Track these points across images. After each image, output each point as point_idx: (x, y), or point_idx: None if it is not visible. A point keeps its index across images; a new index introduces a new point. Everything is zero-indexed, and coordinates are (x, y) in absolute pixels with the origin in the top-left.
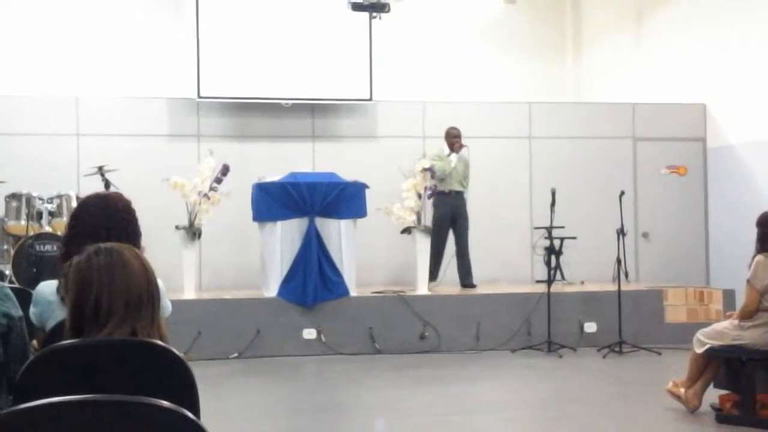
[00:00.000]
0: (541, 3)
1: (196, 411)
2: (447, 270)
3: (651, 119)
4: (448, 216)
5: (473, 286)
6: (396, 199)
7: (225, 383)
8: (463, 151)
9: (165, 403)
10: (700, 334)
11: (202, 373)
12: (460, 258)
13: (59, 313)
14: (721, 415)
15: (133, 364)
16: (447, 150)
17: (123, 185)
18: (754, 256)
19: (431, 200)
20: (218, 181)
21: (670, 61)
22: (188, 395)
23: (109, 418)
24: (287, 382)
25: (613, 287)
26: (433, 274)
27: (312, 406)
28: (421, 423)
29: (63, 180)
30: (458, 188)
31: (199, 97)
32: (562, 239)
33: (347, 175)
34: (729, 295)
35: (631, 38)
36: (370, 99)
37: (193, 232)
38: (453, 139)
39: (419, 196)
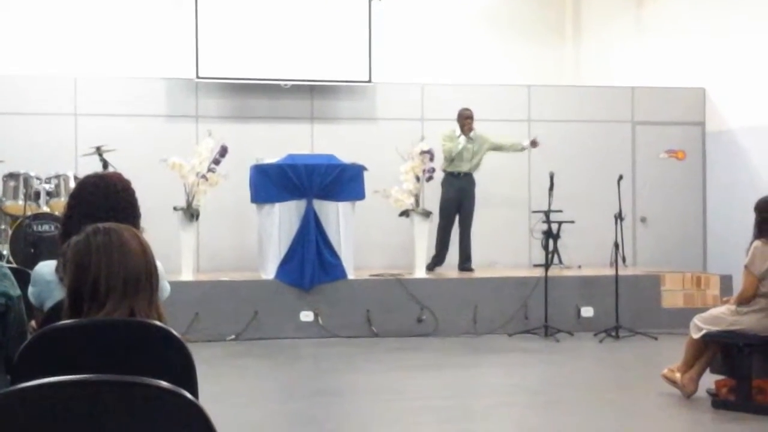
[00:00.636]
0: None
1: (194, 392)
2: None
3: (650, 103)
4: (456, 198)
5: (471, 270)
6: (394, 181)
7: (222, 365)
8: (473, 133)
9: (164, 384)
10: (697, 320)
11: (199, 355)
12: (461, 241)
13: (58, 293)
14: (716, 401)
15: (131, 345)
16: (458, 131)
17: (121, 165)
18: (751, 242)
19: (441, 181)
20: (216, 162)
21: (670, 45)
22: (187, 376)
23: (108, 398)
24: (284, 364)
25: (611, 272)
26: (440, 257)
27: (308, 389)
28: (418, 406)
29: (61, 160)
30: (467, 170)
31: (198, 77)
32: (559, 223)
33: (346, 157)
34: (726, 281)
35: (631, 21)
36: (369, 81)
37: (191, 213)
38: (464, 120)
39: (417, 178)
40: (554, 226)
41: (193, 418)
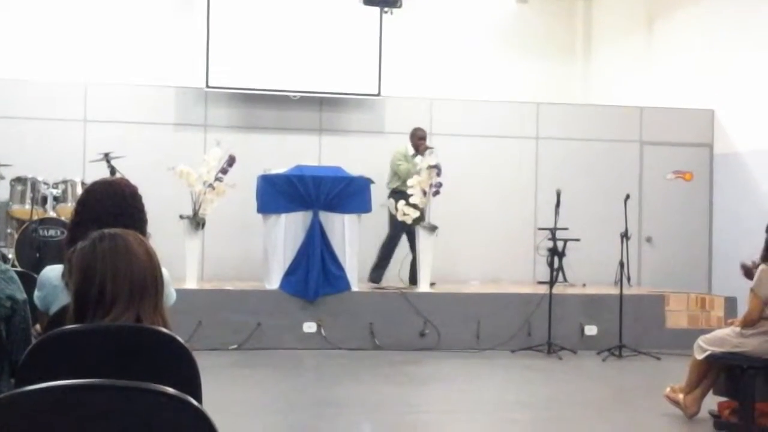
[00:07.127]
0: (553, 4)
1: (198, 399)
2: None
3: (658, 123)
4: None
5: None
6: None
7: (224, 374)
8: (427, 152)
9: (169, 390)
10: (701, 341)
11: (201, 364)
12: (415, 259)
13: (64, 298)
14: (719, 422)
15: (136, 350)
16: (411, 150)
17: (128, 173)
18: (758, 264)
19: (390, 197)
20: (224, 171)
21: (680, 66)
22: (191, 383)
23: (113, 403)
24: (286, 375)
25: (615, 291)
26: (383, 270)
27: (310, 400)
28: (419, 420)
29: (69, 165)
30: None
31: (207, 86)
32: (565, 241)
33: (353, 169)
34: (731, 303)
35: (641, 42)
36: (378, 94)
37: (197, 221)
38: (419, 141)
39: (424, 193)
40: (560, 244)
41: (199, 425)
